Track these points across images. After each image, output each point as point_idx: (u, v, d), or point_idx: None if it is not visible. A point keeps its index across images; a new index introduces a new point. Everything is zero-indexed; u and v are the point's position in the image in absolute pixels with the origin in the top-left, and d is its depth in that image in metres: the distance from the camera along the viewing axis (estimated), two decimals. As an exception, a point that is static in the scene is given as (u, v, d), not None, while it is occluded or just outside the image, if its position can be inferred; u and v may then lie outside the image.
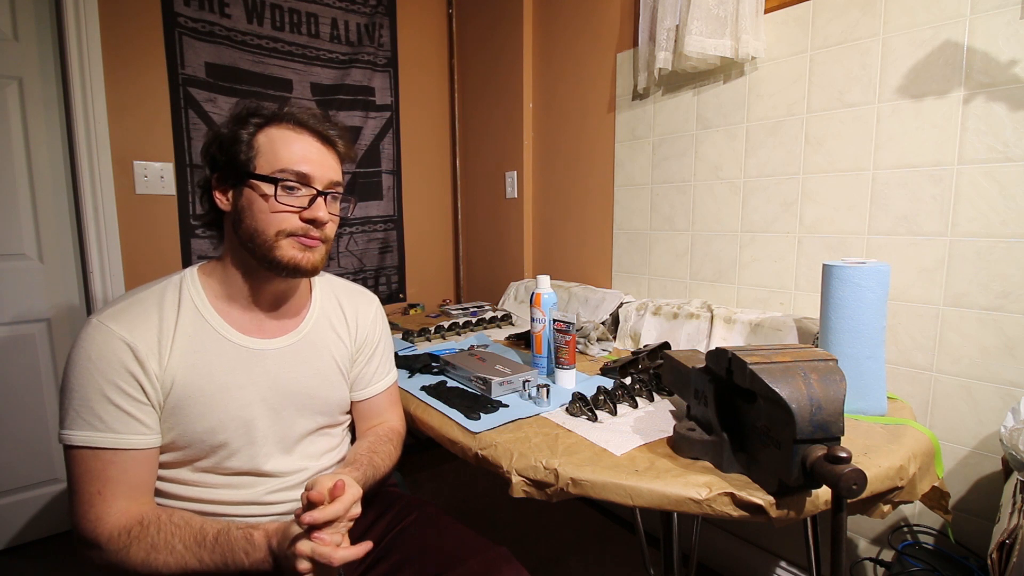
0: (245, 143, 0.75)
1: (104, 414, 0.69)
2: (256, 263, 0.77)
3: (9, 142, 1.53)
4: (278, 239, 0.75)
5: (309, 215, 0.76)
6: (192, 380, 0.74)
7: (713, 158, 1.42)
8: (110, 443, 0.69)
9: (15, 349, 1.58)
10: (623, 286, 1.70)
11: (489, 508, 1.83)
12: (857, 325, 0.90)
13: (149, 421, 0.72)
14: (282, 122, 0.77)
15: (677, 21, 1.38)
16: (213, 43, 1.73)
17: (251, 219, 0.75)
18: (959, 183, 1.03)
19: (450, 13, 2.29)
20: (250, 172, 0.75)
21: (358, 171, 2.11)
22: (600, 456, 0.79)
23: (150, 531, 0.68)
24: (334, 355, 0.89)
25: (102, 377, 0.69)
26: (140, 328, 0.72)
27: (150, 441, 0.72)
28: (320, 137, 0.79)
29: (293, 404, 0.83)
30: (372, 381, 0.96)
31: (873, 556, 1.17)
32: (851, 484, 0.57)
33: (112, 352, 0.69)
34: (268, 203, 0.74)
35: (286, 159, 0.75)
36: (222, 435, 0.76)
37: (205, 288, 0.79)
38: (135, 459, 0.71)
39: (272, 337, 0.83)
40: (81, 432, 0.68)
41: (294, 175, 0.75)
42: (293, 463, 0.83)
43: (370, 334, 0.96)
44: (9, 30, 1.51)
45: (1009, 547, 0.74)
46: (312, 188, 0.76)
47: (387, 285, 2.26)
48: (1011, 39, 0.95)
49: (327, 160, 0.79)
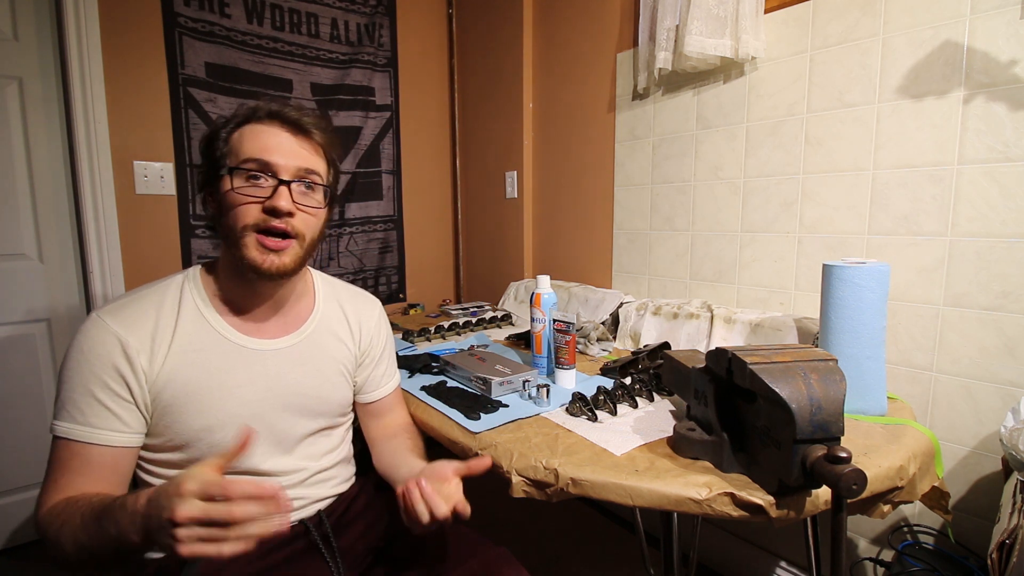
0: (222, 141, 0.75)
1: (85, 407, 0.69)
2: (237, 265, 0.76)
3: (9, 142, 1.53)
4: (243, 235, 0.73)
5: (269, 204, 0.73)
6: (191, 377, 0.74)
7: (713, 158, 1.42)
8: (83, 436, 0.69)
9: (15, 349, 1.58)
10: (623, 286, 1.70)
11: (489, 508, 1.83)
12: (857, 325, 0.90)
13: (129, 420, 0.71)
14: (260, 119, 0.76)
15: (677, 21, 1.38)
16: (213, 43, 1.73)
17: (222, 216, 0.75)
18: (959, 183, 1.02)
19: (450, 13, 2.29)
20: (219, 166, 0.74)
21: (358, 171, 2.11)
22: (600, 456, 0.79)
23: (68, 507, 0.64)
24: (337, 357, 0.89)
25: (90, 371, 0.69)
26: (135, 325, 0.72)
27: (125, 440, 0.71)
28: (292, 126, 0.76)
29: (294, 405, 0.83)
30: (381, 383, 0.97)
31: (873, 556, 1.17)
32: (851, 484, 0.57)
33: (103, 346, 0.70)
34: (230, 196, 0.73)
35: (250, 149, 0.73)
36: (219, 433, 0.76)
37: (206, 287, 0.79)
38: (102, 455, 0.70)
39: (273, 337, 0.82)
40: (63, 424, 0.69)
41: (256, 164, 0.73)
42: (292, 463, 0.83)
43: (375, 338, 0.96)
44: (9, 30, 1.51)
45: (1009, 547, 0.74)
46: (275, 178, 0.73)
47: (387, 285, 2.26)
48: (1011, 39, 0.95)
49: (297, 149, 0.76)
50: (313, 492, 0.86)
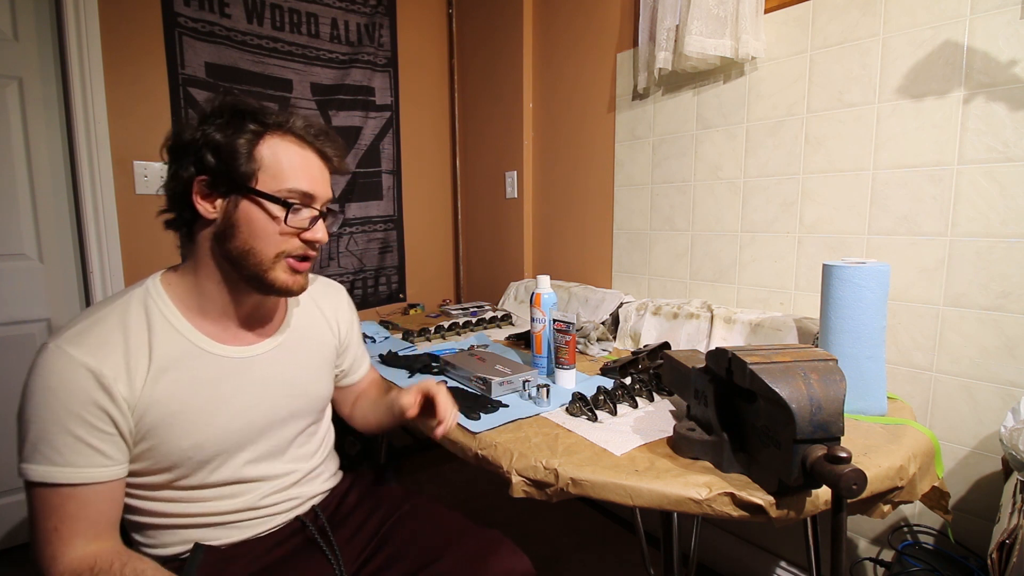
0: (245, 153, 0.70)
1: (64, 447, 0.63)
2: (240, 279, 0.73)
3: (9, 142, 1.53)
4: (277, 260, 0.72)
5: (311, 236, 0.74)
6: (175, 396, 0.70)
7: (713, 158, 1.42)
8: (68, 478, 0.63)
9: (15, 349, 1.58)
10: (623, 286, 1.70)
11: (489, 508, 1.83)
12: (857, 325, 0.90)
13: (113, 452, 0.67)
14: (285, 133, 0.73)
15: (677, 21, 1.38)
16: (213, 43, 1.73)
17: (249, 236, 0.71)
18: (959, 183, 1.02)
19: (450, 13, 2.29)
20: (253, 188, 0.70)
21: (358, 171, 2.11)
22: (600, 456, 0.79)
23: None
24: (319, 350, 0.89)
25: (63, 409, 0.63)
26: (104, 351, 0.66)
27: (112, 473, 0.67)
28: (320, 153, 0.76)
29: (283, 407, 0.82)
30: (363, 362, 1.03)
31: (873, 556, 1.17)
32: (851, 484, 0.57)
33: (74, 381, 0.63)
34: (275, 224, 0.71)
35: (292, 178, 0.71)
36: (211, 449, 0.73)
37: (173, 300, 0.74)
38: (96, 492, 0.65)
39: (253, 343, 0.80)
40: (39, 467, 0.63)
41: (300, 196, 0.72)
42: (284, 467, 0.83)
43: (351, 323, 0.98)
44: (9, 30, 1.51)
45: (1009, 547, 0.74)
46: (314, 208, 0.74)
47: (387, 285, 2.26)
48: (1011, 39, 0.95)
49: (326, 178, 0.77)
50: (306, 491, 0.86)
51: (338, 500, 0.92)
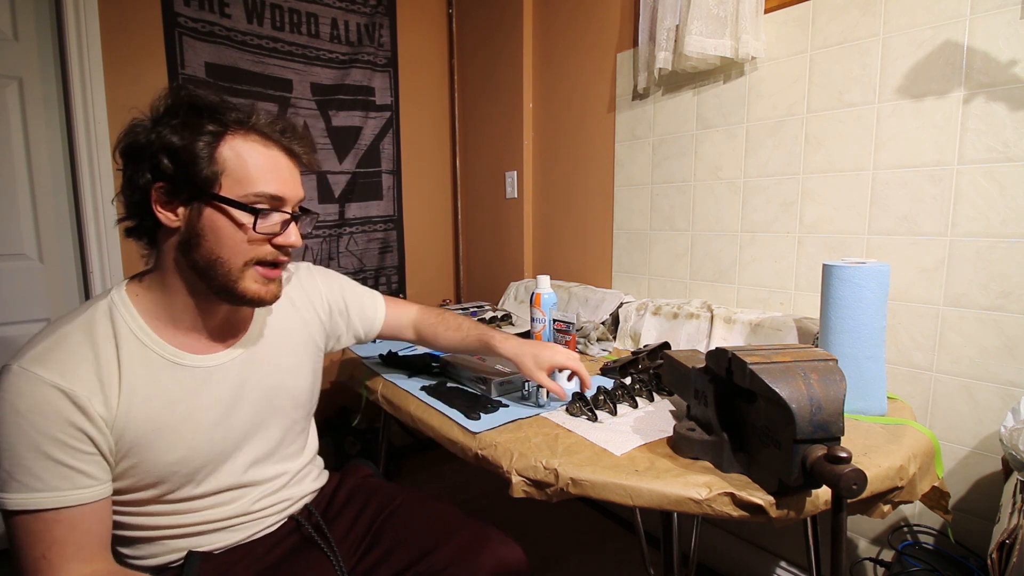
0: (205, 157, 0.65)
1: (42, 472, 0.60)
2: (208, 290, 0.69)
3: (9, 142, 1.53)
4: (245, 269, 0.68)
5: (282, 241, 0.70)
6: (150, 414, 0.67)
7: (713, 158, 1.42)
8: (51, 503, 0.60)
9: (15, 349, 1.57)
10: (623, 286, 1.70)
11: (489, 508, 1.83)
12: (857, 325, 0.90)
13: (96, 472, 0.63)
14: (248, 132, 0.68)
15: (677, 21, 1.38)
16: (213, 43, 1.73)
17: (215, 245, 0.66)
18: (959, 183, 1.02)
19: (450, 13, 2.29)
20: (216, 194, 0.65)
21: (358, 171, 2.11)
22: (600, 456, 0.79)
23: None
24: (298, 340, 0.86)
25: (37, 433, 0.59)
26: (74, 370, 0.62)
27: (98, 492, 0.63)
28: (288, 152, 0.72)
29: (266, 409, 0.80)
30: (376, 307, 1.03)
31: (873, 556, 1.17)
32: (851, 484, 0.57)
33: (46, 403, 0.60)
34: (243, 232, 0.67)
35: (259, 181, 0.67)
36: (197, 460, 0.71)
37: (140, 312, 0.70)
38: (83, 514, 0.62)
39: (223, 349, 0.76)
40: (17, 495, 0.59)
41: (268, 199, 0.68)
42: (273, 469, 0.82)
43: (331, 292, 0.95)
44: (9, 30, 1.51)
45: (1009, 547, 0.74)
46: (285, 212, 0.70)
47: (387, 285, 2.26)
48: (1011, 39, 0.95)
49: (296, 177, 0.72)
50: (296, 491, 0.86)
51: (328, 498, 0.91)
